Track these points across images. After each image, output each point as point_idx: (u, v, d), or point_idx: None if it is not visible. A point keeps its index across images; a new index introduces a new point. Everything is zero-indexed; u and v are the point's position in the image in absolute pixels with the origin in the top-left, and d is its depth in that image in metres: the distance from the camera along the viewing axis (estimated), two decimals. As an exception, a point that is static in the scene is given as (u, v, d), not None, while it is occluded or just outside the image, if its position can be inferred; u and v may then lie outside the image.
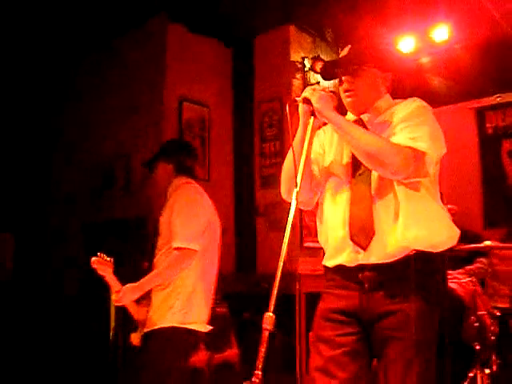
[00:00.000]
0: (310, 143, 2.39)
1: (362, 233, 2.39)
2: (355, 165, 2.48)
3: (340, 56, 2.62)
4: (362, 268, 2.39)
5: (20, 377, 5.23)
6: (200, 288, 3.34)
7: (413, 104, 2.48)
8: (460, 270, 5.09)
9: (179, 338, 3.24)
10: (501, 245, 4.86)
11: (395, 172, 2.31)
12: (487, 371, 4.26)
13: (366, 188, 2.43)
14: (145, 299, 3.35)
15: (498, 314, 4.61)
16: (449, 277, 4.75)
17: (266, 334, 1.98)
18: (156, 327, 3.27)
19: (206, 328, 3.37)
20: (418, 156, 2.31)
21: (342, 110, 2.49)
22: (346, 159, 2.53)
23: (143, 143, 5.84)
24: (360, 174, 2.46)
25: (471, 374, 4.25)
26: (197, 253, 3.25)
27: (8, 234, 6.44)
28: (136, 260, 4.89)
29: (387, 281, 2.35)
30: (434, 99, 6.37)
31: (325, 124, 2.53)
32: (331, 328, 2.42)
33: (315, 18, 6.00)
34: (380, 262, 2.35)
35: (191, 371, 3.37)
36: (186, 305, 3.27)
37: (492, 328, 4.53)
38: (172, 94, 5.95)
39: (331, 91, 2.46)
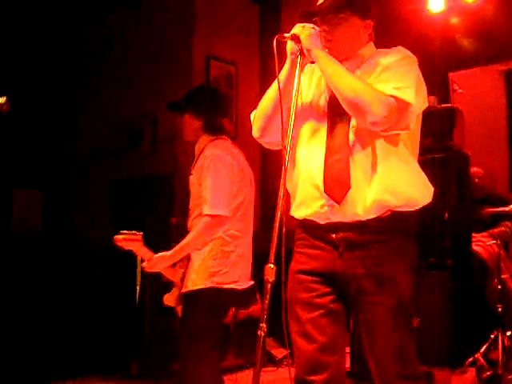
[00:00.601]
0: (298, 83, 2.23)
1: (337, 185, 2.25)
2: (335, 109, 2.33)
3: (318, 4, 2.43)
4: (334, 228, 2.27)
5: (47, 328, 5.35)
6: (238, 246, 3.30)
7: (398, 53, 2.35)
8: (484, 233, 5.08)
9: (217, 299, 3.21)
10: (526, 208, 4.81)
11: (375, 123, 2.17)
12: (508, 333, 4.28)
13: (344, 137, 2.29)
14: (181, 260, 3.33)
15: (522, 277, 4.62)
16: (473, 239, 4.75)
17: (268, 285, 1.94)
18: (196, 288, 3.23)
19: (246, 284, 3.32)
20: (401, 107, 2.17)
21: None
22: (323, 102, 2.40)
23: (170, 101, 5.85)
24: (338, 122, 2.32)
25: (492, 336, 4.28)
26: (228, 219, 3.22)
27: (36, 190, 6.52)
28: (163, 216, 4.94)
29: (362, 242, 2.24)
30: (463, 61, 6.38)
31: (312, 62, 2.39)
32: (306, 290, 2.33)
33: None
34: (354, 219, 2.23)
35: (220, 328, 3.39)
36: (225, 265, 3.24)
37: (515, 291, 4.55)
38: (199, 51, 5.94)
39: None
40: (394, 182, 2.24)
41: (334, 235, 2.27)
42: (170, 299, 3.35)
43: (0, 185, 6.13)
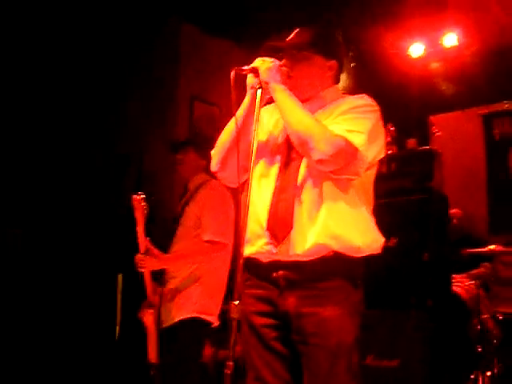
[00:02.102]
0: (257, 117, 2.17)
1: (279, 224, 2.22)
2: (289, 150, 2.31)
3: (287, 39, 2.40)
4: (276, 266, 2.23)
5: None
6: (217, 281, 3.39)
7: (360, 100, 2.33)
8: (464, 274, 5.13)
9: (198, 329, 3.29)
10: (505, 249, 4.88)
11: (321, 160, 2.13)
12: (489, 373, 4.30)
13: (294, 177, 2.26)
14: (159, 285, 3.37)
15: (501, 318, 4.64)
16: (453, 280, 4.79)
17: (233, 323, 1.91)
18: (177, 319, 3.29)
19: (216, 321, 3.40)
20: (349, 150, 2.14)
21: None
22: (279, 141, 2.37)
23: (156, 140, 5.91)
24: (291, 162, 2.30)
25: (473, 376, 4.29)
26: (226, 246, 3.31)
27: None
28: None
29: (302, 281, 2.20)
30: (442, 104, 6.52)
31: (271, 100, 2.34)
32: (257, 335, 2.29)
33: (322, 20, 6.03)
34: (296, 259, 2.19)
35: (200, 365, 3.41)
36: (204, 296, 3.32)
37: (495, 332, 4.57)
38: (184, 93, 6.02)
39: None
40: (336, 227, 2.19)
41: (274, 273, 2.24)
42: (148, 317, 3.34)
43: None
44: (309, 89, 2.37)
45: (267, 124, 2.47)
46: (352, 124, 2.20)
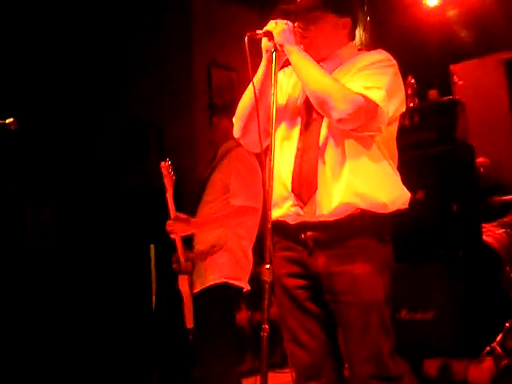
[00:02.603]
0: (275, 79, 2.17)
1: (303, 186, 2.24)
2: (309, 111, 2.32)
3: (297, 1, 2.38)
4: (303, 227, 2.25)
5: (63, 340, 5.38)
6: (246, 246, 3.42)
7: (377, 55, 2.32)
8: (494, 223, 5.09)
9: (227, 295, 3.33)
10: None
11: (341, 119, 2.12)
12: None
13: (315, 138, 2.26)
14: (189, 250, 3.42)
15: (534, 264, 4.62)
16: (483, 229, 4.77)
17: (266, 286, 1.93)
18: (206, 285, 3.35)
19: (247, 286, 3.45)
20: (369, 107, 2.13)
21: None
22: (299, 103, 2.38)
23: (175, 111, 5.90)
24: (311, 123, 2.30)
25: (508, 324, 4.29)
26: (257, 211, 3.33)
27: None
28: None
29: (331, 240, 2.21)
30: (462, 52, 6.41)
31: (289, 63, 2.32)
32: (290, 297, 2.31)
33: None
34: (323, 219, 2.20)
35: (236, 329, 3.47)
36: (232, 261, 3.36)
37: (528, 278, 4.55)
38: (200, 60, 5.99)
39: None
40: (361, 185, 2.19)
41: (302, 235, 2.26)
42: (184, 282, 3.40)
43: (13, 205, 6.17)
44: (324, 48, 2.35)
45: (286, 87, 2.46)
46: (370, 80, 2.19)
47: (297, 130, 2.34)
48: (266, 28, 2.23)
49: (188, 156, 5.59)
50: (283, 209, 2.29)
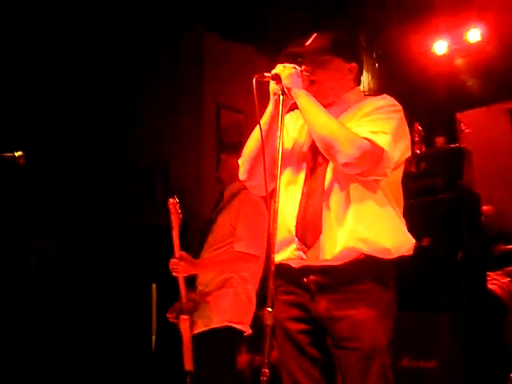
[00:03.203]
0: (282, 123, 2.17)
1: (308, 230, 2.23)
2: (315, 155, 2.31)
3: (306, 45, 2.39)
4: (306, 271, 2.24)
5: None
6: (250, 290, 3.40)
7: (382, 101, 2.33)
8: (498, 271, 5.06)
9: (229, 338, 3.30)
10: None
11: (347, 164, 2.13)
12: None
13: (320, 182, 2.25)
14: (191, 291, 3.40)
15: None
16: (488, 278, 4.73)
17: (267, 329, 1.91)
18: (209, 327, 3.31)
19: (249, 330, 3.41)
20: (375, 151, 2.13)
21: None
22: (305, 148, 2.37)
23: (183, 150, 5.93)
24: (317, 167, 2.30)
25: (512, 375, 4.23)
26: (258, 259, 3.31)
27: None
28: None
29: (333, 285, 2.20)
30: (468, 101, 6.46)
31: (295, 107, 2.33)
32: (291, 341, 2.30)
33: (344, 23, 6.02)
34: (326, 264, 2.19)
35: (236, 373, 3.43)
36: (235, 305, 3.33)
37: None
38: (210, 101, 6.05)
39: (304, 70, 2.29)
40: (365, 230, 2.18)
41: (305, 279, 2.24)
42: (185, 325, 3.36)
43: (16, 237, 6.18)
44: (331, 93, 2.37)
45: (292, 131, 2.47)
46: (376, 125, 2.20)
47: (302, 175, 2.33)
48: (274, 71, 2.24)
49: (194, 194, 5.61)
50: (287, 252, 2.27)
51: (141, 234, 6.14)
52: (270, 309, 1.94)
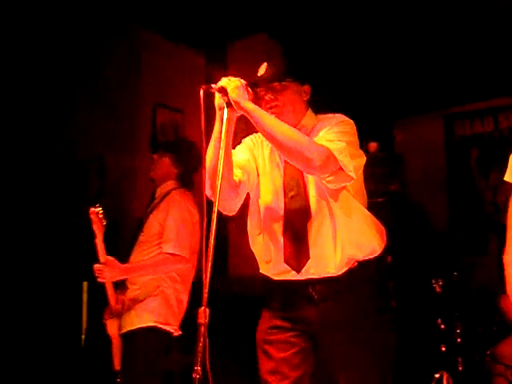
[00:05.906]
0: (226, 136, 2.23)
1: (295, 256, 2.40)
2: (290, 182, 2.47)
3: (258, 75, 2.50)
4: (308, 283, 2.40)
5: None
6: (180, 291, 3.39)
7: (334, 119, 2.48)
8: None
9: (155, 339, 3.29)
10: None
11: (313, 167, 2.26)
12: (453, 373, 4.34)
13: (301, 209, 2.41)
14: (121, 291, 3.37)
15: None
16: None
17: (201, 328, 1.95)
18: (135, 327, 3.29)
19: (177, 331, 3.41)
20: (334, 156, 2.29)
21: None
22: (279, 175, 2.51)
23: (118, 147, 5.86)
24: (292, 197, 2.45)
25: (437, 375, 4.33)
26: (186, 260, 3.30)
27: None
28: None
29: (336, 293, 2.39)
30: (404, 107, 6.58)
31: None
32: (279, 332, 2.45)
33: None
34: (327, 275, 2.38)
35: (163, 373, 3.41)
36: (163, 306, 3.31)
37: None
38: (146, 99, 5.99)
39: (248, 85, 2.35)
40: (357, 237, 2.40)
41: (310, 288, 2.39)
42: (112, 326, 3.34)
43: None
44: (293, 116, 2.48)
45: (262, 158, 2.57)
46: (332, 136, 2.36)
47: (281, 208, 2.45)
48: (220, 84, 2.28)
49: (127, 194, 5.54)
50: (286, 275, 2.44)
51: (72, 231, 6.03)
52: (203, 307, 1.97)
